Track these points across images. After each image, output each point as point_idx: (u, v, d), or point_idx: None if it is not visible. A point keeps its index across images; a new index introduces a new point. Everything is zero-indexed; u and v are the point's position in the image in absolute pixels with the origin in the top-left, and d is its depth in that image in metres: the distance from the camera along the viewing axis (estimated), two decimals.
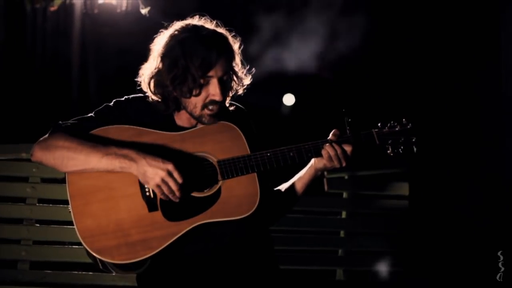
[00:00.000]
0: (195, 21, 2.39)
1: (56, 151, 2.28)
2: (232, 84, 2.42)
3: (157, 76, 2.36)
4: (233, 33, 2.40)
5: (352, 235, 4.19)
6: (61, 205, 3.79)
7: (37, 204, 3.82)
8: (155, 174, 2.22)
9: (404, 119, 2.48)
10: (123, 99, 2.46)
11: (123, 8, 5.18)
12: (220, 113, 2.42)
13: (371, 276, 4.18)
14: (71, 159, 2.25)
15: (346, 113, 2.41)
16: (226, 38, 2.35)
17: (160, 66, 2.35)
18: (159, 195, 2.25)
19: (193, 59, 2.27)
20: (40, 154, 2.30)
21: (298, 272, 4.16)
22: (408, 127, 2.47)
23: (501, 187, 5.11)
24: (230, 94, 2.45)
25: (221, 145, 2.34)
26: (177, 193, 2.24)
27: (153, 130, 2.34)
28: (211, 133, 2.36)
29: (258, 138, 2.49)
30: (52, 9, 5.42)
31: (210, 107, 2.33)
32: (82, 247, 2.23)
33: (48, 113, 5.72)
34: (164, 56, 2.34)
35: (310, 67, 5.65)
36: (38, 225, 3.82)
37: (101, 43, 6.02)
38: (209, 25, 2.37)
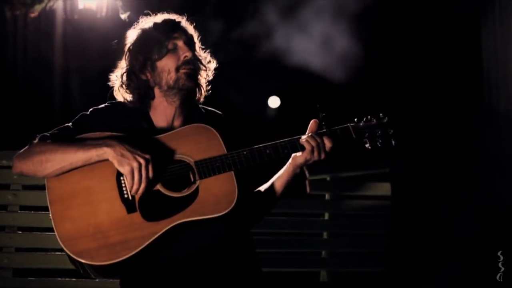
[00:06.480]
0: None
1: (33, 157, 2.33)
2: (201, 69, 2.55)
3: (128, 68, 2.52)
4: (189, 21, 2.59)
5: (335, 236, 4.20)
6: (43, 212, 3.78)
7: (19, 211, 3.81)
8: (133, 159, 2.26)
9: (380, 114, 2.55)
10: (100, 107, 2.51)
11: (103, 13, 5.18)
12: (197, 112, 2.53)
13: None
14: (49, 161, 2.30)
15: (320, 109, 2.48)
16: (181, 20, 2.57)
17: (128, 56, 2.53)
18: (128, 182, 2.27)
19: (157, 26, 2.49)
20: (20, 164, 2.36)
21: (281, 274, 4.17)
22: (385, 121, 2.54)
23: (483, 184, 5.16)
24: (203, 83, 2.57)
25: (198, 146, 2.39)
26: (143, 186, 2.27)
27: (129, 136, 2.37)
28: (187, 135, 2.41)
29: (235, 141, 2.52)
30: (32, 15, 5.39)
31: (184, 67, 2.46)
32: (64, 253, 2.24)
33: (30, 119, 5.69)
34: (131, 45, 2.54)
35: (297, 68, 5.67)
36: (20, 232, 3.80)
37: (82, 48, 6.00)
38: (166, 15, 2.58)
